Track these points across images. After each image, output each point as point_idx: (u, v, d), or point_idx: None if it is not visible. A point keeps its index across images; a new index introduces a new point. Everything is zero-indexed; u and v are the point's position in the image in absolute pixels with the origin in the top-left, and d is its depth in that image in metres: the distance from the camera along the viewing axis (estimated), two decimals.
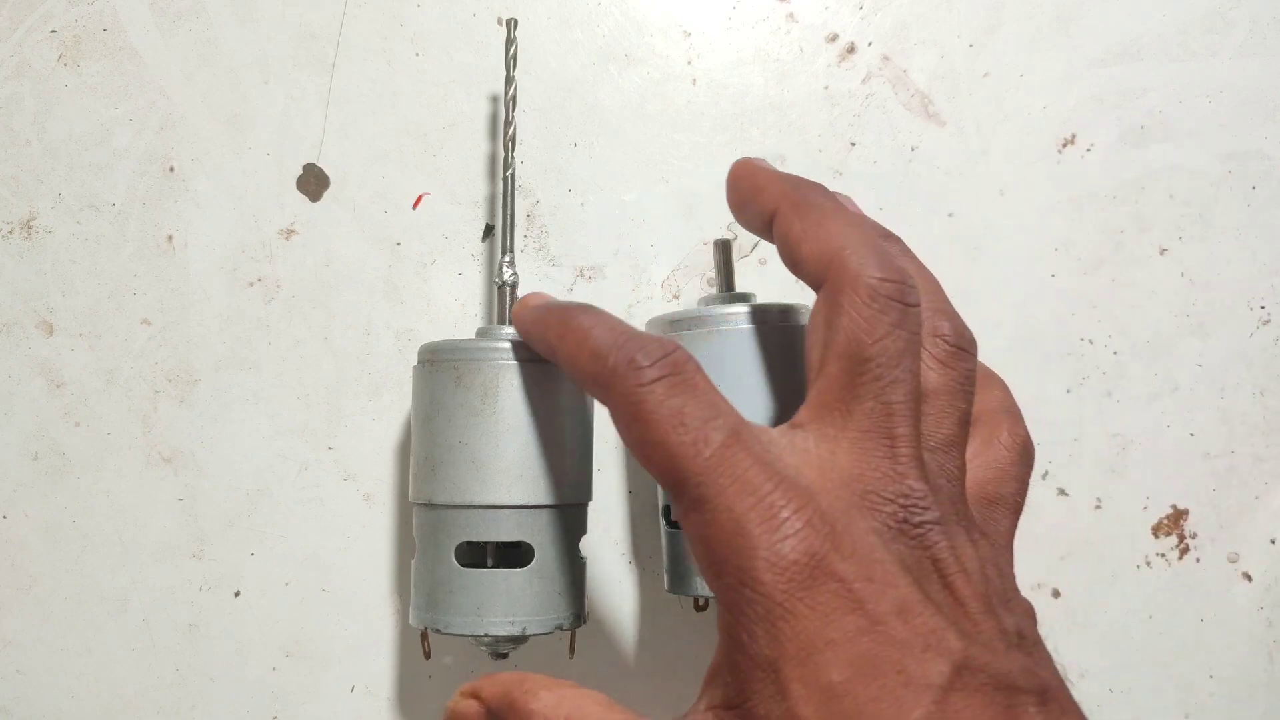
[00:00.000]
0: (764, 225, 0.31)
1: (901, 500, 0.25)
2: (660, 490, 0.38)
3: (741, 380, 0.35)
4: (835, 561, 0.24)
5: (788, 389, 0.35)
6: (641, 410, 0.26)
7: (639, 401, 0.26)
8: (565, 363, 0.30)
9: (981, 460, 0.30)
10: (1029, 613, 0.27)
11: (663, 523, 0.38)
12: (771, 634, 0.24)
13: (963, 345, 0.30)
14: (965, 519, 0.27)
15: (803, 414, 0.28)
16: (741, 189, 0.32)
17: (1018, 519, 0.30)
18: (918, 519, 0.25)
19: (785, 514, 0.24)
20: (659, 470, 0.26)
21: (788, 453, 0.27)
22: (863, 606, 0.23)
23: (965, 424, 0.29)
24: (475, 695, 0.30)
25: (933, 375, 0.28)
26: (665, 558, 0.38)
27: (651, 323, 0.38)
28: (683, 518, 0.26)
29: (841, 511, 0.25)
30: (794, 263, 0.30)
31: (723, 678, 0.25)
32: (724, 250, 0.39)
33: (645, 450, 0.27)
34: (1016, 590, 0.28)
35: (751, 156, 0.33)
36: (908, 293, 0.28)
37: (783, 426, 0.28)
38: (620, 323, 0.29)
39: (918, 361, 0.28)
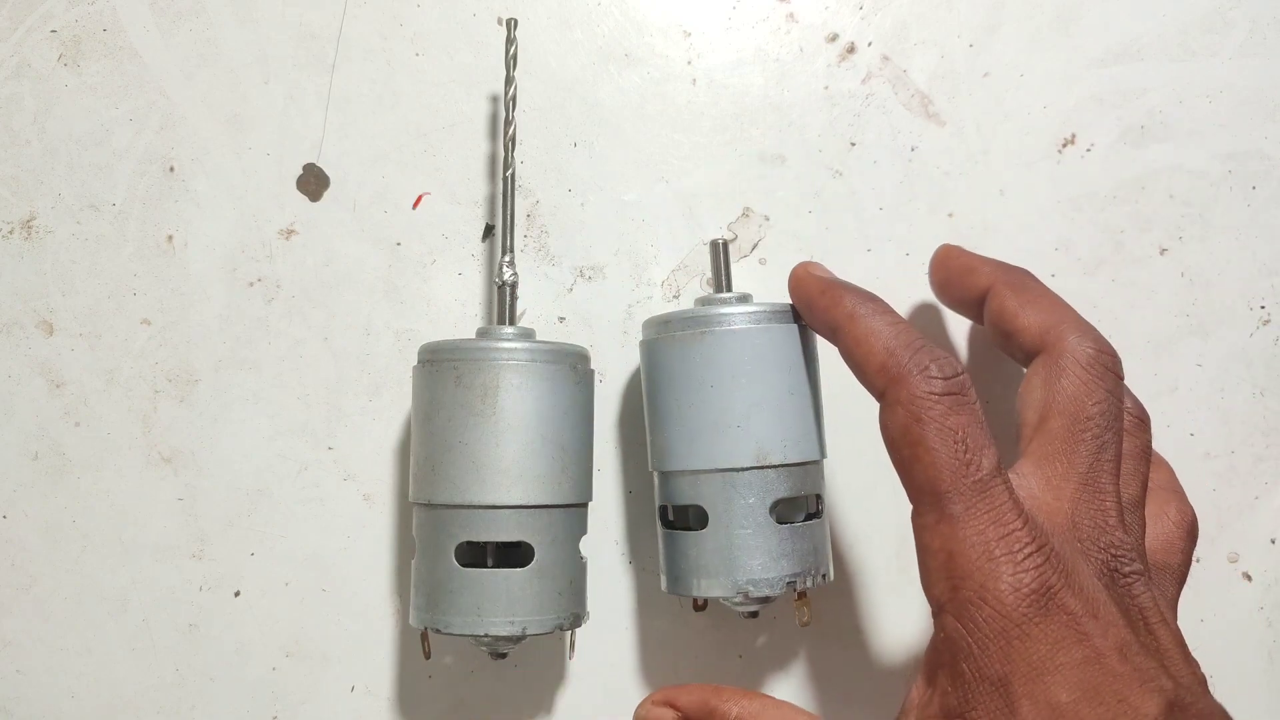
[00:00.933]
0: (973, 300, 0.36)
1: (1111, 550, 0.29)
2: (657, 491, 0.38)
3: (739, 380, 0.35)
4: (1066, 597, 0.27)
5: (784, 389, 0.35)
6: (927, 416, 0.29)
7: (927, 408, 0.29)
8: (850, 346, 0.32)
9: (1151, 531, 0.32)
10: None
11: (659, 524, 0.38)
12: (1005, 651, 0.26)
13: (1144, 419, 0.34)
14: (1150, 574, 0.30)
15: (1027, 463, 0.31)
16: (951, 268, 0.37)
17: (1181, 589, 0.33)
18: (1125, 569, 0.29)
19: (1029, 549, 0.27)
20: (923, 475, 0.29)
21: (1022, 493, 0.30)
22: (1089, 640, 0.26)
23: (1145, 488, 0.32)
24: (671, 704, 0.33)
25: (1124, 442, 0.31)
26: (662, 559, 0.38)
27: (648, 322, 0.38)
28: (928, 527, 0.29)
29: (1069, 553, 0.28)
30: (1009, 333, 0.34)
31: (942, 686, 0.28)
32: (721, 250, 0.39)
33: (915, 452, 0.29)
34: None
35: (954, 245, 0.38)
36: (1119, 365, 0.32)
37: (1009, 470, 0.30)
38: (907, 324, 0.31)
39: (1122, 426, 0.31)
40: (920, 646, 0.41)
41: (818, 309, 0.34)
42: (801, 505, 0.39)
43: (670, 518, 0.38)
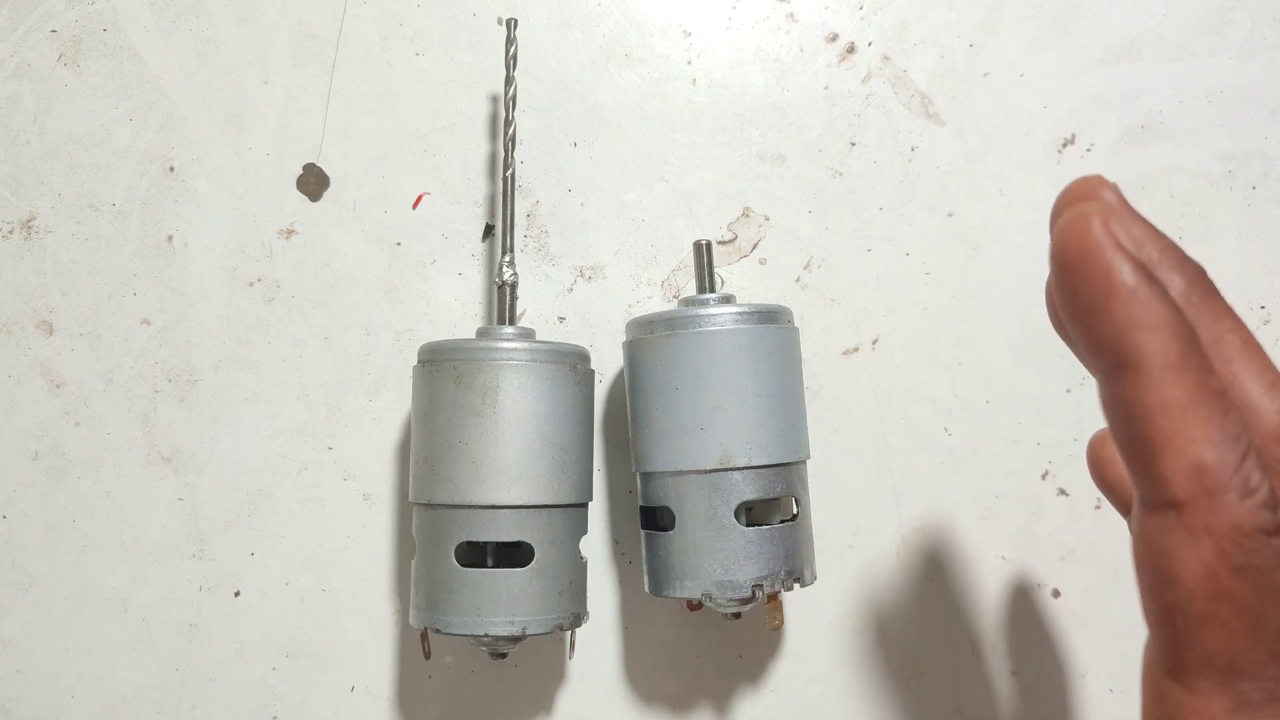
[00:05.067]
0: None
1: None
2: (639, 492, 0.38)
3: (724, 379, 0.35)
4: None
5: (751, 391, 0.35)
6: (1252, 564, 0.20)
7: (1253, 553, 0.20)
8: (1135, 412, 0.20)
9: None
10: None
11: (641, 525, 0.38)
12: None
13: None
14: None
15: None
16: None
17: None
18: None
19: None
20: (1222, 643, 0.21)
21: None
22: None
23: None
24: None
25: None
26: (644, 561, 0.38)
27: (631, 324, 0.38)
28: (1212, 713, 0.21)
29: None
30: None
31: None
32: (704, 251, 0.39)
33: (1218, 609, 0.20)
34: None
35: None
36: None
37: None
38: (1230, 398, 0.21)
39: None
40: (920, 646, 0.41)
41: (1100, 322, 0.20)
42: (777, 508, 0.39)
43: (648, 518, 0.38)
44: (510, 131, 0.39)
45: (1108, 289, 0.20)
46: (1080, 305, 0.21)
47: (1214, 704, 0.20)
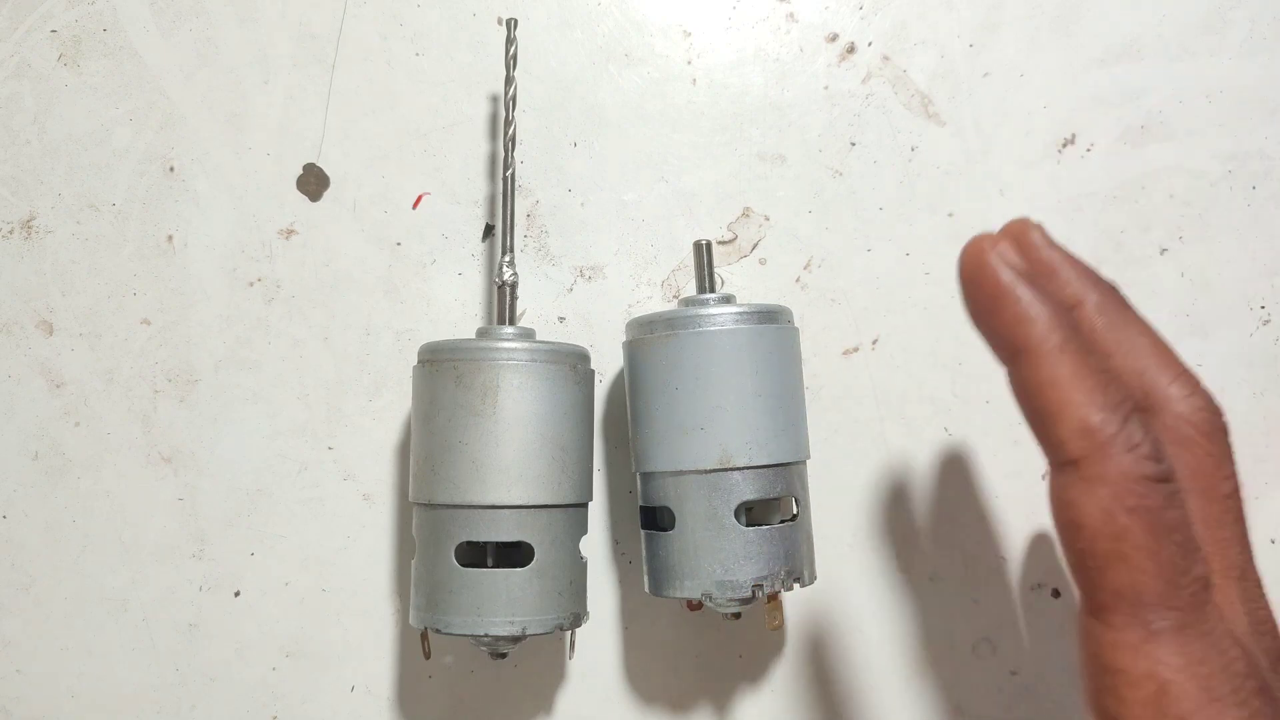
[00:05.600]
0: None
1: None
2: (639, 492, 0.38)
3: (724, 379, 0.35)
4: None
5: (750, 390, 0.35)
6: (1142, 505, 0.23)
7: (1141, 495, 0.23)
8: (1032, 386, 0.25)
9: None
10: None
11: (641, 525, 0.38)
12: None
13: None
14: None
15: None
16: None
17: None
18: None
19: (1250, 684, 0.24)
20: (1128, 579, 0.24)
21: None
22: None
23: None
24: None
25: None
26: (645, 561, 0.38)
27: (630, 323, 0.38)
28: (1126, 645, 0.24)
29: (1274, 682, 0.25)
30: None
31: None
32: (704, 251, 0.39)
33: (1119, 548, 0.23)
34: None
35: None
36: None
37: None
38: (1116, 374, 0.25)
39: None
40: (920, 647, 0.41)
41: (994, 320, 0.26)
42: (777, 508, 0.39)
43: (648, 518, 0.38)
44: (510, 131, 0.39)
45: (997, 293, 0.25)
46: (980, 309, 0.26)
47: (1129, 635, 0.23)
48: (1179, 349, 0.43)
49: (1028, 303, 0.25)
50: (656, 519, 0.37)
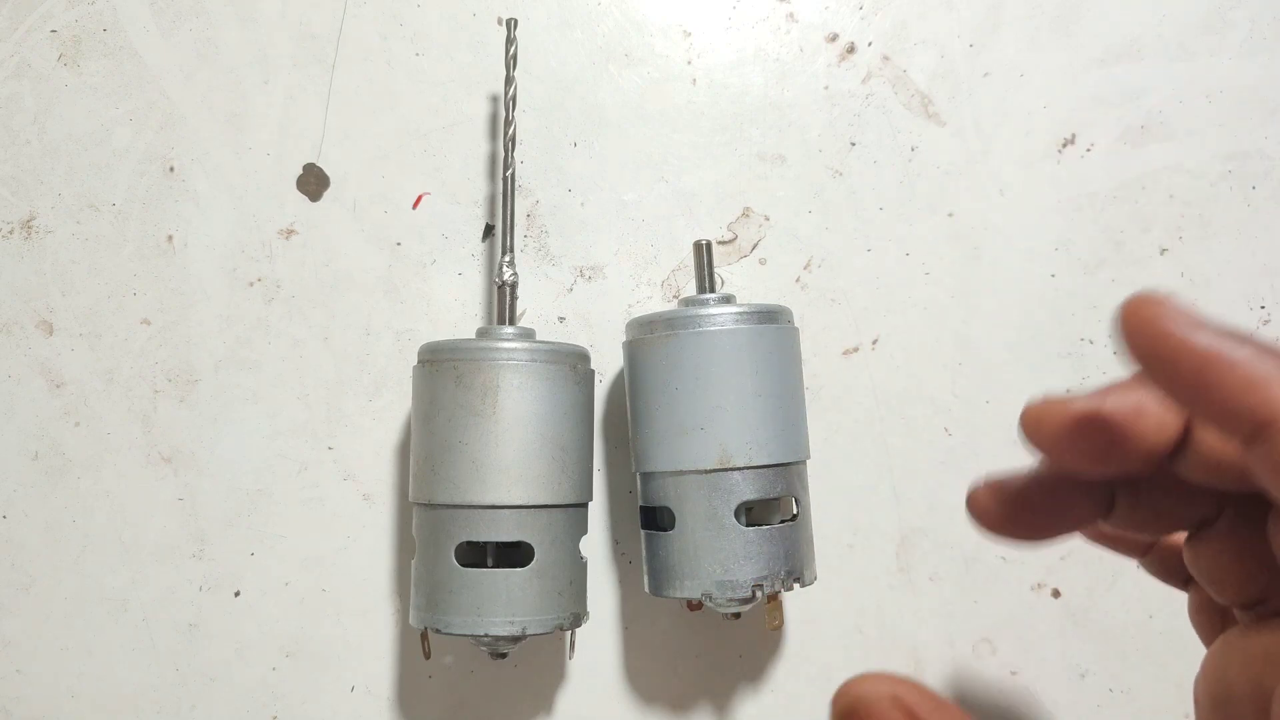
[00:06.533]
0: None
1: None
2: (639, 492, 0.38)
3: (724, 379, 0.35)
4: None
5: (751, 391, 0.35)
6: None
7: None
8: (1211, 378, 0.20)
9: None
10: None
11: (641, 525, 0.38)
12: None
13: None
14: None
15: None
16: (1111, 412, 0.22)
17: None
18: None
19: None
20: None
21: None
22: None
23: None
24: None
25: None
26: (645, 561, 0.38)
27: (631, 324, 0.38)
28: None
29: None
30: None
31: None
32: (704, 251, 0.39)
33: None
34: None
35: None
36: None
37: None
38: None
39: None
40: (920, 647, 0.41)
41: (1212, 396, 0.20)
42: (777, 508, 0.39)
43: (648, 518, 0.38)
44: (510, 131, 0.39)
45: (1204, 363, 0.20)
46: (1186, 386, 0.20)
47: None
48: None
49: (1248, 361, 0.19)
50: (656, 519, 0.37)
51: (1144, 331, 0.20)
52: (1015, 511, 0.24)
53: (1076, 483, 0.23)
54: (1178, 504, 0.22)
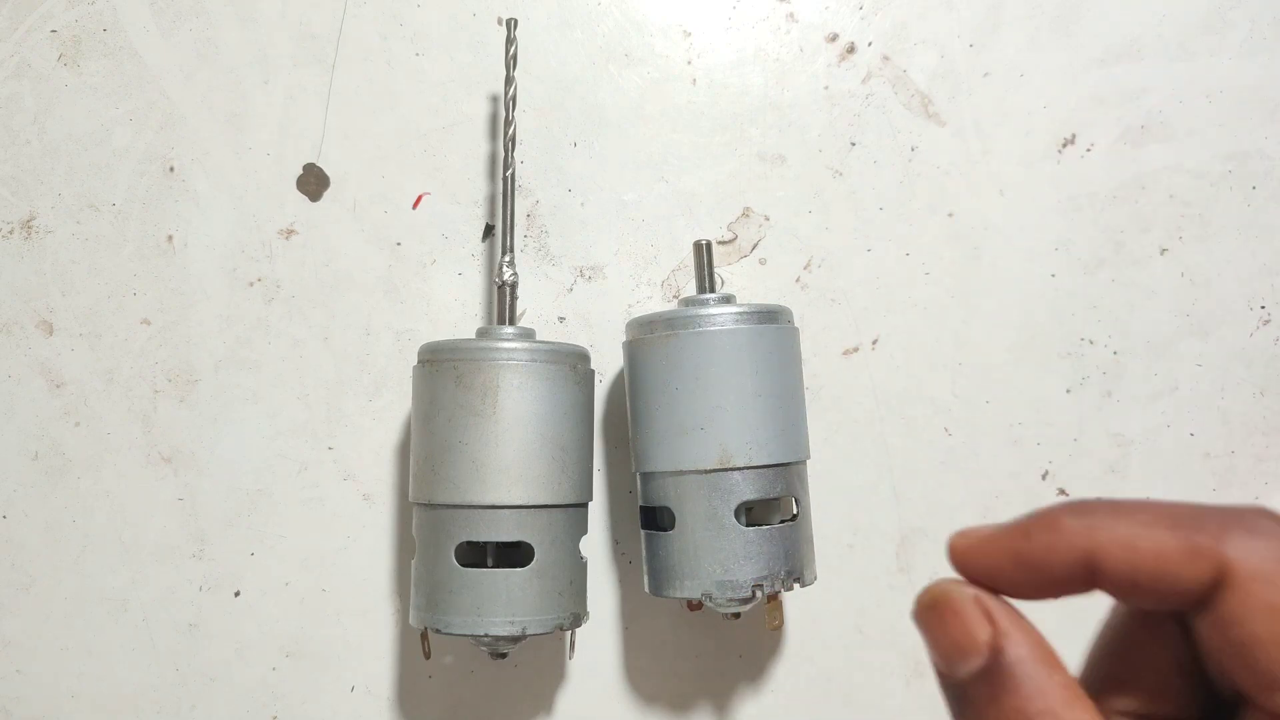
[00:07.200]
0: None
1: None
2: (639, 492, 0.38)
3: (724, 379, 0.35)
4: None
5: (751, 391, 0.35)
6: None
7: None
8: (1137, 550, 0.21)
9: None
10: None
11: (641, 525, 0.38)
12: None
13: None
14: None
15: None
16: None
17: None
18: None
19: None
20: None
21: None
22: None
23: None
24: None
25: None
26: (645, 561, 0.38)
27: (631, 324, 0.38)
28: None
29: None
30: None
31: None
32: (704, 252, 0.39)
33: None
34: None
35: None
36: None
37: None
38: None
39: None
40: (920, 647, 0.41)
41: (1043, 555, 0.22)
42: (777, 508, 0.39)
43: (648, 518, 0.38)
44: (510, 131, 0.39)
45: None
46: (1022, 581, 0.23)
47: None
48: (1179, 349, 0.43)
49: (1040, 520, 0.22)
50: (656, 519, 0.37)
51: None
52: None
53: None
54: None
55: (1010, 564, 0.23)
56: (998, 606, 0.23)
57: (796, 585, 0.36)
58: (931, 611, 0.24)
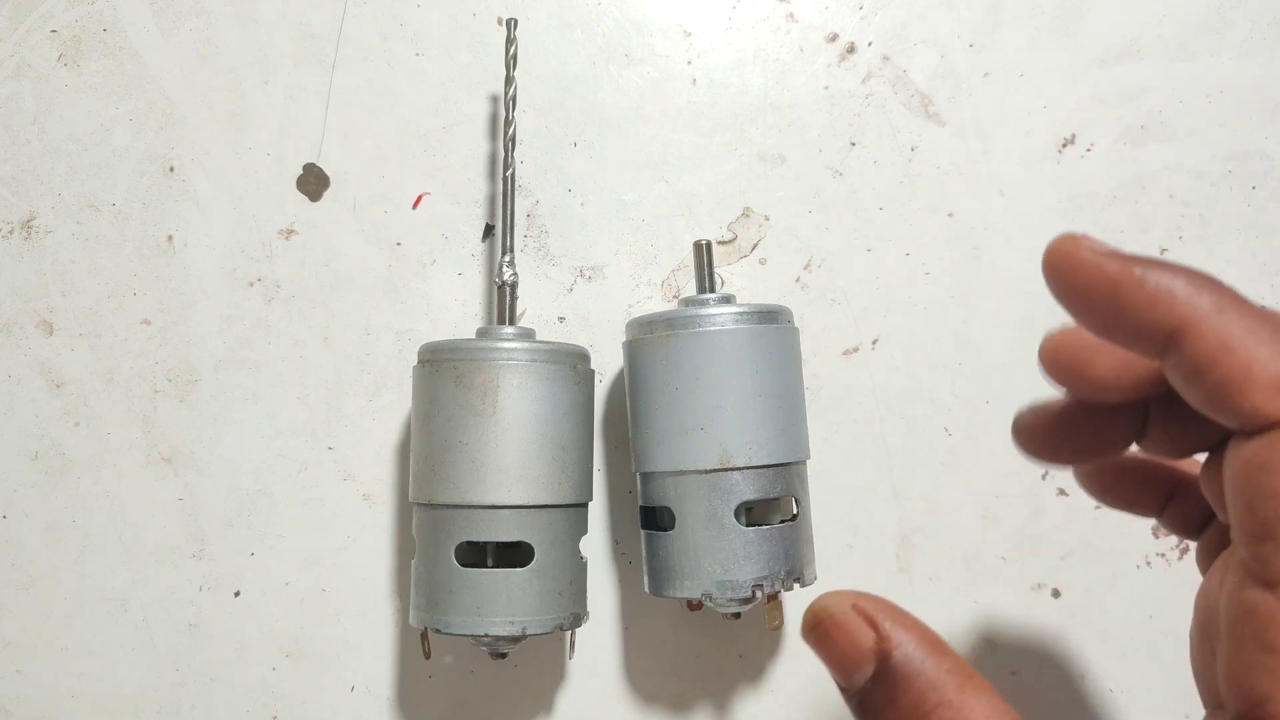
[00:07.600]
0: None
1: None
2: (639, 492, 0.38)
3: (724, 379, 0.35)
4: None
5: (751, 391, 0.35)
6: None
7: None
8: (1206, 352, 0.22)
9: None
10: None
11: (641, 525, 0.38)
12: None
13: None
14: None
15: None
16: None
17: None
18: None
19: None
20: None
21: None
22: None
23: None
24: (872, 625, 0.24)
25: None
26: (645, 561, 0.38)
27: (631, 323, 0.38)
28: None
29: None
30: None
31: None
32: (704, 251, 0.39)
33: None
34: None
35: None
36: None
37: None
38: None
39: None
40: None
41: (1125, 314, 0.22)
42: (777, 508, 0.39)
43: (648, 518, 0.38)
44: (510, 131, 0.39)
45: (1115, 285, 0.22)
46: (1102, 309, 0.22)
47: None
48: None
49: (1155, 279, 0.22)
50: (656, 519, 0.37)
51: (1062, 265, 0.22)
52: (1058, 433, 0.27)
53: (1113, 405, 0.25)
54: (1204, 420, 0.23)
55: (1108, 291, 0.22)
56: (877, 608, 0.24)
57: (796, 585, 0.36)
58: (816, 630, 0.24)
